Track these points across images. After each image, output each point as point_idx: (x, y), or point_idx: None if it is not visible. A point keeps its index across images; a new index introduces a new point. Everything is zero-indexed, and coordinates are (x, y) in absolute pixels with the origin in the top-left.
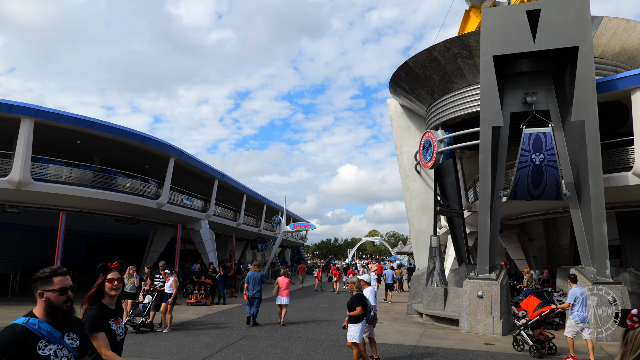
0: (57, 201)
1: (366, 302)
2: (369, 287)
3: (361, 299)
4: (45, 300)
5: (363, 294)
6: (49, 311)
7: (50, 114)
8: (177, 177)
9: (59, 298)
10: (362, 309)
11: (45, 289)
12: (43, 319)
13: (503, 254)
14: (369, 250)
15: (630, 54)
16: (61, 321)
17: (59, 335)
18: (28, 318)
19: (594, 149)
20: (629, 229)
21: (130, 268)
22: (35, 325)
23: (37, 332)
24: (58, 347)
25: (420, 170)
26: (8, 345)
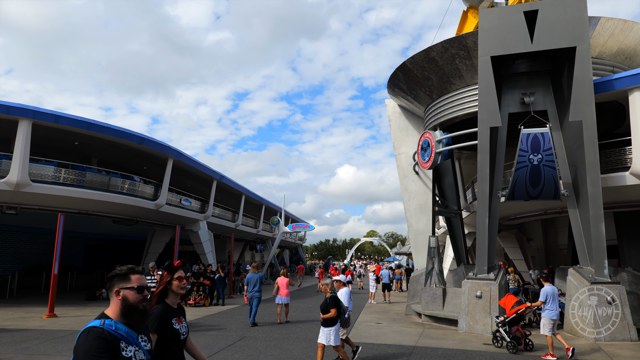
0: (55, 202)
1: (340, 304)
2: (344, 289)
3: (335, 301)
4: (122, 298)
5: (337, 296)
6: (124, 311)
7: (48, 115)
8: (176, 178)
9: (136, 296)
10: (336, 311)
11: (122, 287)
12: (118, 320)
13: (501, 254)
14: (368, 250)
15: (627, 55)
16: (137, 321)
17: (135, 336)
18: (103, 320)
19: (591, 149)
20: (627, 229)
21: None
22: (112, 327)
23: (115, 334)
24: (136, 349)
25: (419, 171)
26: (97, 348)
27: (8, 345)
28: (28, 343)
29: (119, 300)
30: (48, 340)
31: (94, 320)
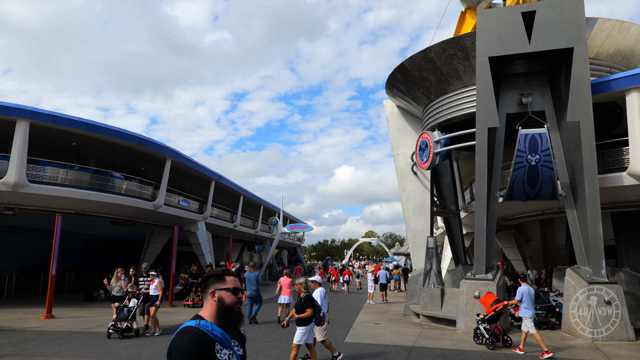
0: (53, 203)
1: (315, 304)
2: (320, 289)
3: (310, 300)
4: (218, 299)
5: (312, 296)
6: (220, 312)
7: (46, 115)
8: (174, 178)
9: (231, 298)
10: (312, 311)
11: (218, 288)
12: (213, 322)
13: (499, 254)
14: (366, 251)
15: (624, 55)
16: (233, 323)
17: (229, 339)
18: (198, 320)
19: (589, 150)
20: (624, 229)
21: (118, 271)
22: (208, 327)
23: (211, 335)
24: (230, 353)
25: (417, 171)
26: (193, 349)
27: (5, 347)
28: (26, 344)
29: (214, 301)
30: (46, 341)
31: (190, 321)
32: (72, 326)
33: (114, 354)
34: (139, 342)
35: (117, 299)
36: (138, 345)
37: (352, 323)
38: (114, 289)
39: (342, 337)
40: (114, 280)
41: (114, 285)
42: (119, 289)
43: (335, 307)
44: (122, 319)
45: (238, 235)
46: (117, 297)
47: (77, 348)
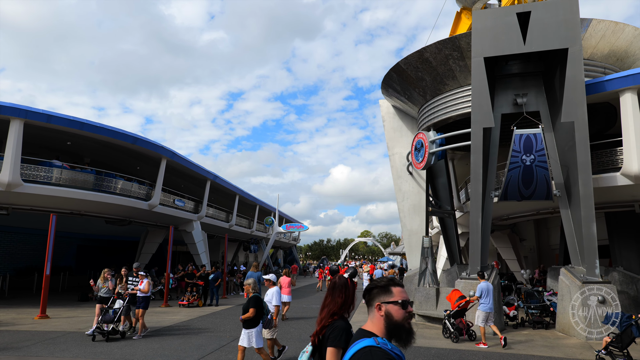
0: (47, 203)
1: (262, 305)
2: (274, 288)
3: (255, 301)
4: (386, 315)
5: (259, 296)
6: (390, 329)
7: (40, 114)
8: (169, 178)
9: (401, 313)
10: (254, 311)
11: (384, 301)
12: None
13: (494, 254)
14: (362, 250)
15: (618, 56)
16: (405, 341)
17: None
18: (374, 337)
19: (583, 150)
20: (617, 229)
21: (105, 271)
22: (387, 346)
23: (392, 354)
24: None
25: (413, 171)
26: None
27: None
28: (19, 344)
29: (381, 316)
30: (40, 341)
31: (365, 339)
32: (66, 326)
33: (109, 354)
34: (133, 342)
35: (104, 301)
36: (133, 345)
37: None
38: (101, 290)
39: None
40: (100, 280)
41: (101, 286)
42: (106, 290)
43: None
44: (108, 320)
45: (233, 235)
46: (103, 298)
47: (71, 348)
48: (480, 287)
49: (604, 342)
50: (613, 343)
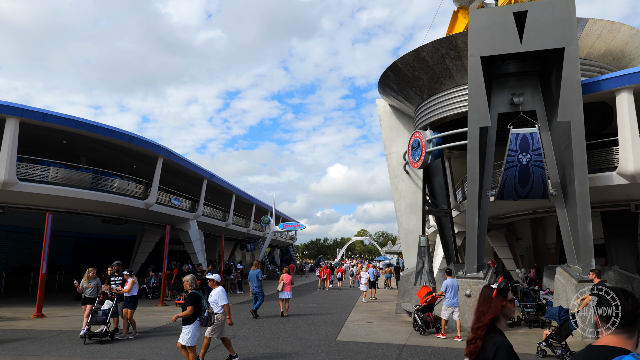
0: (43, 202)
1: (200, 302)
2: (218, 288)
3: (192, 298)
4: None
5: (197, 294)
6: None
7: (36, 113)
8: (166, 177)
9: None
10: (192, 309)
11: None
12: None
13: (491, 253)
14: (359, 249)
15: (615, 56)
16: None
17: None
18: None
19: (579, 149)
20: (613, 228)
21: (90, 270)
22: None
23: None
24: None
25: (409, 170)
26: None
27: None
28: (16, 343)
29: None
30: (36, 340)
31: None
32: (62, 325)
33: (105, 352)
34: (129, 342)
35: (89, 301)
36: (129, 344)
37: (344, 322)
38: (85, 290)
39: (334, 336)
40: (84, 280)
41: (85, 287)
42: (91, 290)
43: (327, 305)
44: (100, 322)
45: (230, 234)
46: (88, 299)
47: (68, 347)
48: (445, 284)
49: (544, 335)
50: (552, 335)
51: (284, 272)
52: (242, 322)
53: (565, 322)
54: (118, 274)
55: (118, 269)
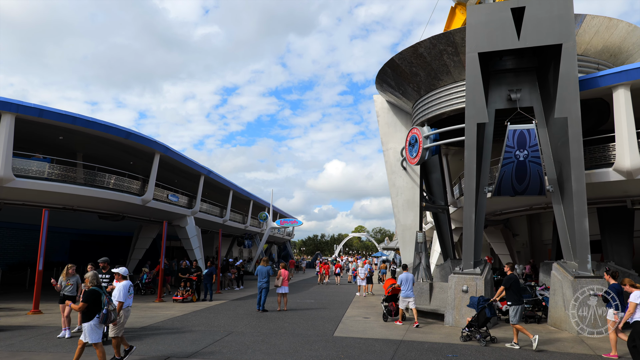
0: (40, 198)
1: (100, 300)
2: (121, 283)
3: (88, 295)
4: None
5: (96, 291)
6: None
7: (32, 109)
8: (163, 173)
9: None
10: (84, 306)
11: None
12: None
13: (487, 249)
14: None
15: (612, 52)
16: None
17: None
18: None
19: (576, 146)
20: (609, 224)
21: (69, 267)
22: None
23: None
24: None
25: (407, 167)
26: None
27: None
28: (12, 340)
29: None
30: (33, 336)
31: None
32: (59, 322)
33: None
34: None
35: (69, 300)
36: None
37: (341, 317)
38: (65, 287)
39: (331, 332)
40: (62, 277)
41: (64, 284)
42: (70, 287)
43: (325, 301)
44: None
45: (227, 230)
46: (67, 297)
47: (65, 344)
48: (400, 277)
49: (467, 321)
50: (473, 322)
51: (281, 268)
52: (239, 317)
53: (482, 311)
54: (105, 271)
55: (104, 266)
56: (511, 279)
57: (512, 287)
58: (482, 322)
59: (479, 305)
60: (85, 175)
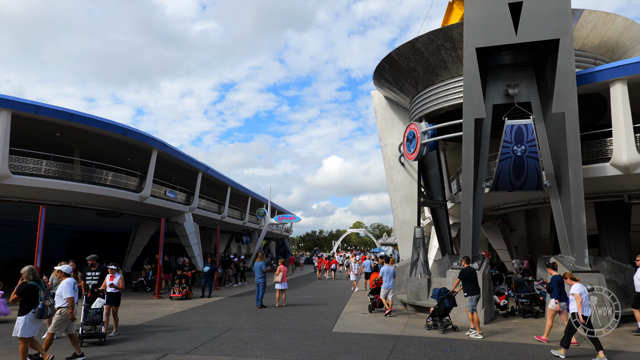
0: (37, 195)
1: (36, 295)
2: (65, 281)
3: (25, 290)
4: None
5: (34, 286)
6: None
7: (28, 105)
8: (160, 170)
9: None
10: (17, 297)
11: None
12: None
13: (485, 244)
14: (354, 241)
15: (609, 47)
16: None
17: None
18: None
19: (573, 141)
20: (606, 219)
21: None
22: None
23: None
24: None
25: (404, 162)
26: None
27: None
28: (10, 337)
29: None
30: None
31: None
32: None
33: (99, 345)
34: (122, 337)
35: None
36: (124, 338)
37: (339, 313)
38: (55, 286)
39: (330, 327)
40: (54, 275)
41: (55, 282)
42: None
43: (323, 297)
44: (97, 322)
45: (226, 226)
46: None
47: (63, 340)
48: (381, 270)
49: (430, 310)
50: (435, 312)
51: (280, 264)
52: (238, 313)
53: (442, 301)
54: (95, 268)
55: (93, 263)
56: (465, 271)
57: (467, 279)
58: (443, 312)
59: (440, 296)
60: (83, 172)
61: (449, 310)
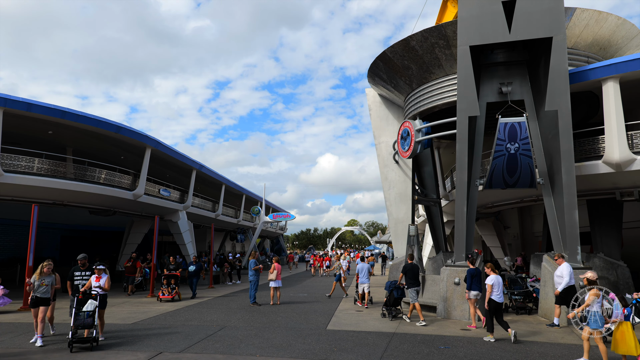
0: (29, 193)
1: None
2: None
3: None
4: None
5: None
6: None
7: (20, 103)
8: (154, 168)
9: None
10: None
11: None
12: None
13: (479, 241)
14: (349, 239)
15: (601, 45)
16: None
17: None
18: None
19: (566, 139)
20: (599, 216)
21: (44, 265)
22: None
23: None
24: None
25: (399, 160)
26: None
27: None
28: (3, 336)
29: None
30: (23, 333)
31: None
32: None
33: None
34: (118, 339)
35: (41, 302)
36: (119, 337)
37: (334, 311)
38: (39, 289)
39: (324, 325)
40: (36, 276)
41: (38, 285)
42: (45, 288)
43: (317, 295)
44: (87, 325)
45: (220, 224)
46: (40, 299)
47: (56, 339)
48: (357, 267)
49: (384, 300)
50: (386, 302)
51: (274, 262)
52: (232, 312)
53: (391, 292)
54: (84, 268)
55: (84, 263)
56: (407, 266)
57: (408, 273)
58: (393, 302)
59: (390, 288)
60: (76, 170)
61: (398, 301)
